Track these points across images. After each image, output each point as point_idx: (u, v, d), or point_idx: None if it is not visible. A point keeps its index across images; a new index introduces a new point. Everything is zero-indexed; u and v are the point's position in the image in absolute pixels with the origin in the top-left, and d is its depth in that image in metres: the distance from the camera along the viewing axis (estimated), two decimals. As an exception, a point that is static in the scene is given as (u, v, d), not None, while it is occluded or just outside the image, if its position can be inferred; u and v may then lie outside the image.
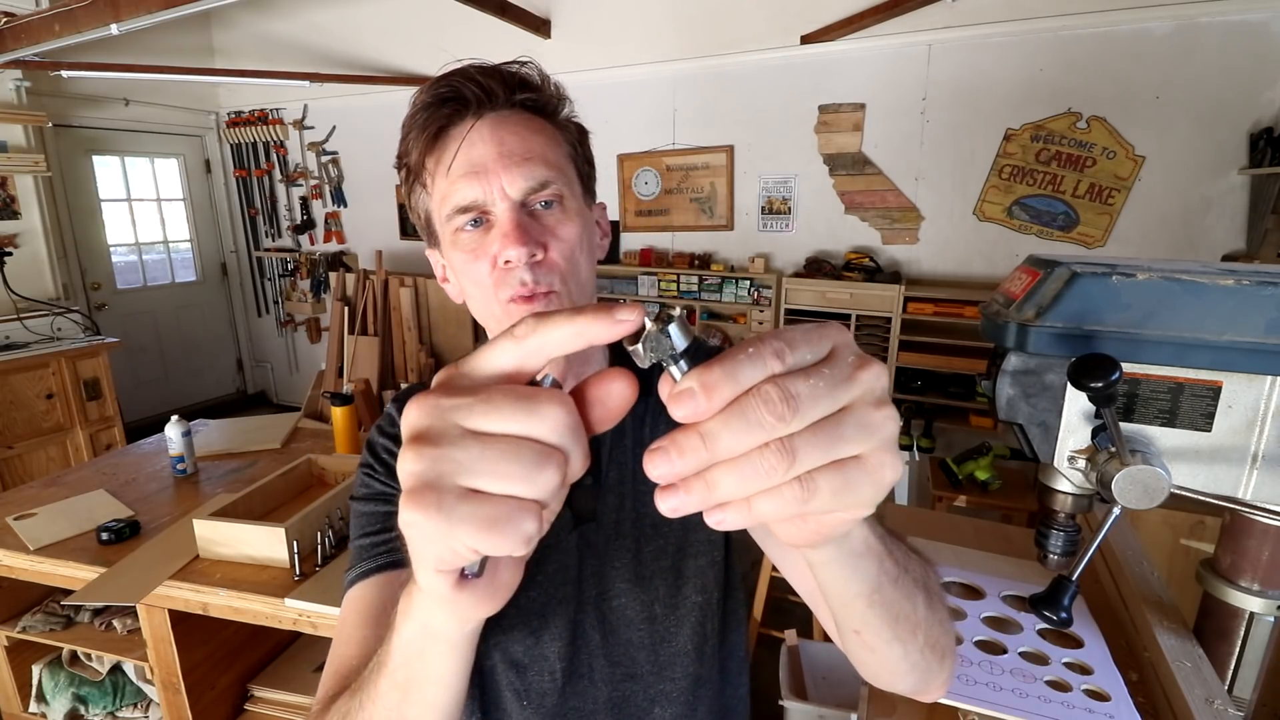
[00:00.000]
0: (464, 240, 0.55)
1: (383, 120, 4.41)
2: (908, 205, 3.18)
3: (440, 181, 0.54)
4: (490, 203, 0.53)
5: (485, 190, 0.53)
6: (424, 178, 0.56)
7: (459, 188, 0.53)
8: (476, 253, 0.54)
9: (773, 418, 0.23)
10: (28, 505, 1.62)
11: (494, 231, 0.54)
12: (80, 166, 4.24)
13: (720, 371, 0.24)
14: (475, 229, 0.54)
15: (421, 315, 4.11)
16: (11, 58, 2.99)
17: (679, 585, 0.64)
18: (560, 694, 0.62)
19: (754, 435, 0.24)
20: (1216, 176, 2.63)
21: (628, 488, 0.64)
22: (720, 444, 0.24)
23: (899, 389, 3.07)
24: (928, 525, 1.30)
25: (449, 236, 0.56)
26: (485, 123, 0.53)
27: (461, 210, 0.53)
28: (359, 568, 0.58)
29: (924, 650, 0.46)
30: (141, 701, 1.62)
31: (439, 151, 0.54)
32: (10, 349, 3.11)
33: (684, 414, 0.24)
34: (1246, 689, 0.80)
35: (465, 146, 0.53)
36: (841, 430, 0.25)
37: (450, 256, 0.57)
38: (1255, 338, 0.62)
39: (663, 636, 0.64)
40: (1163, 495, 0.63)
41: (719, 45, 3.35)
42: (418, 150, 0.55)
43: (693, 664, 0.64)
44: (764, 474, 0.24)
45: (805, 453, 0.24)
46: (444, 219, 0.55)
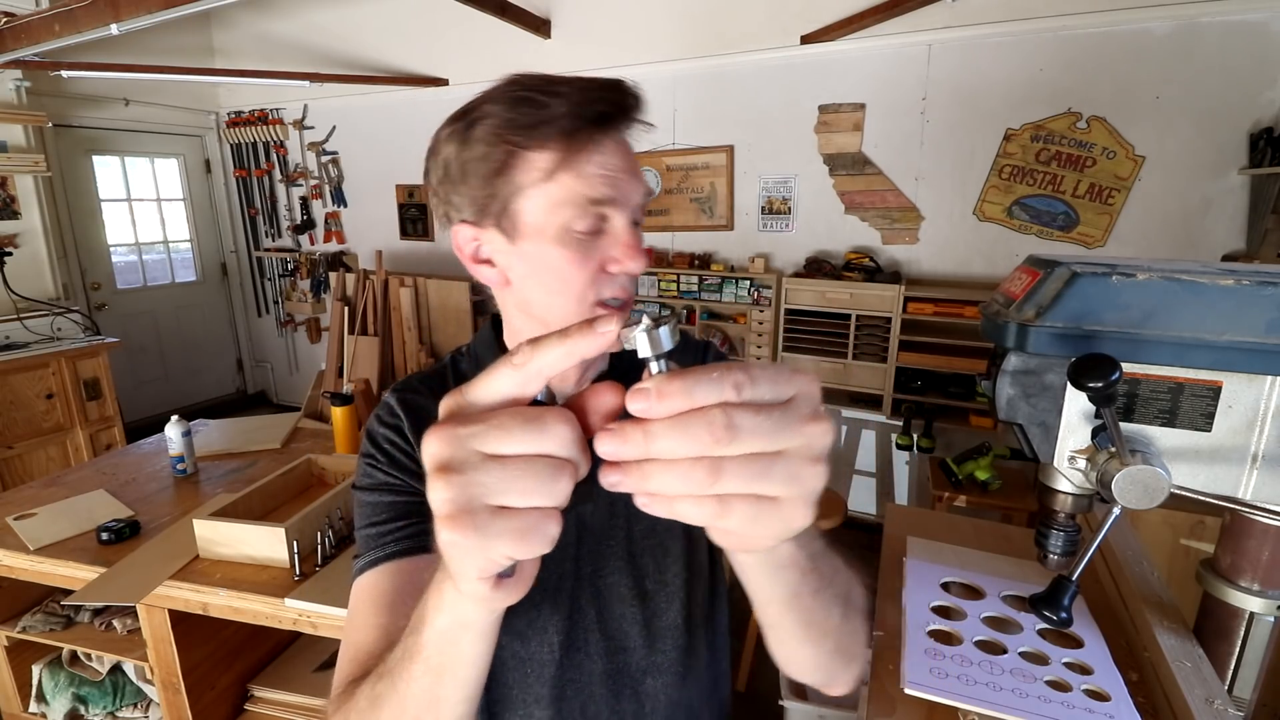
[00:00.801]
0: (579, 240, 0.55)
1: (383, 120, 4.41)
2: (908, 205, 3.18)
3: (572, 181, 0.54)
4: (615, 211, 0.56)
5: (617, 199, 0.56)
6: (545, 166, 0.54)
7: (597, 190, 0.54)
8: (587, 253, 0.56)
9: (710, 439, 0.26)
10: (28, 505, 1.62)
11: (608, 239, 0.56)
12: (80, 166, 4.24)
13: (679, 384, 0.27)
14: (590, 233, 0.56)
15: (421, 315, 4.11)
16: (11, 58, 2.99)
17: (667, 562, 0.68)
18: (558, 665, 0.65)
19: (689, 448, 0.27)
20: (1216, 176, 2.63)
21: None
22: (657, 444, 0.27)
23: (899, 389, 3.07)
24: (928, 525, 1.30)
25: (554, 230, 0.55)
26: (622, 139, 0.57)
27: (595, 211, 0.55)
28: (368, 555, 0.60)
29: (832, 654, 0.52)
30: (141, 701, 1.62)
31: (581, 153, 0.54)
32: (10, 349, 3.11)
33: (634, 409, 0.28)
34: (1246, 689, 0.80)
35: (610, 159, 0.55)
36: (770, 471, 0.28)
37: (543, 249, 0.56)
38: (1255, 338, 0.62)
39: (654, 611, 0.68)
40: (1163, 495, 0.63)
41: (719, 45, 3.35)
42: (551, 141, 0.53)
43: (682, 636, 0.68)
44: (688, 483, 0.27)
45: (729, 479, 0.27)
46: (559, 213, 0.54)
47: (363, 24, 4.22)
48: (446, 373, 0.71)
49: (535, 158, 0.54)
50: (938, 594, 1.03)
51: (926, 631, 0.94)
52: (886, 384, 3.08)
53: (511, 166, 0.55)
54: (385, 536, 0.61)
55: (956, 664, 0.86)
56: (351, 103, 4.45)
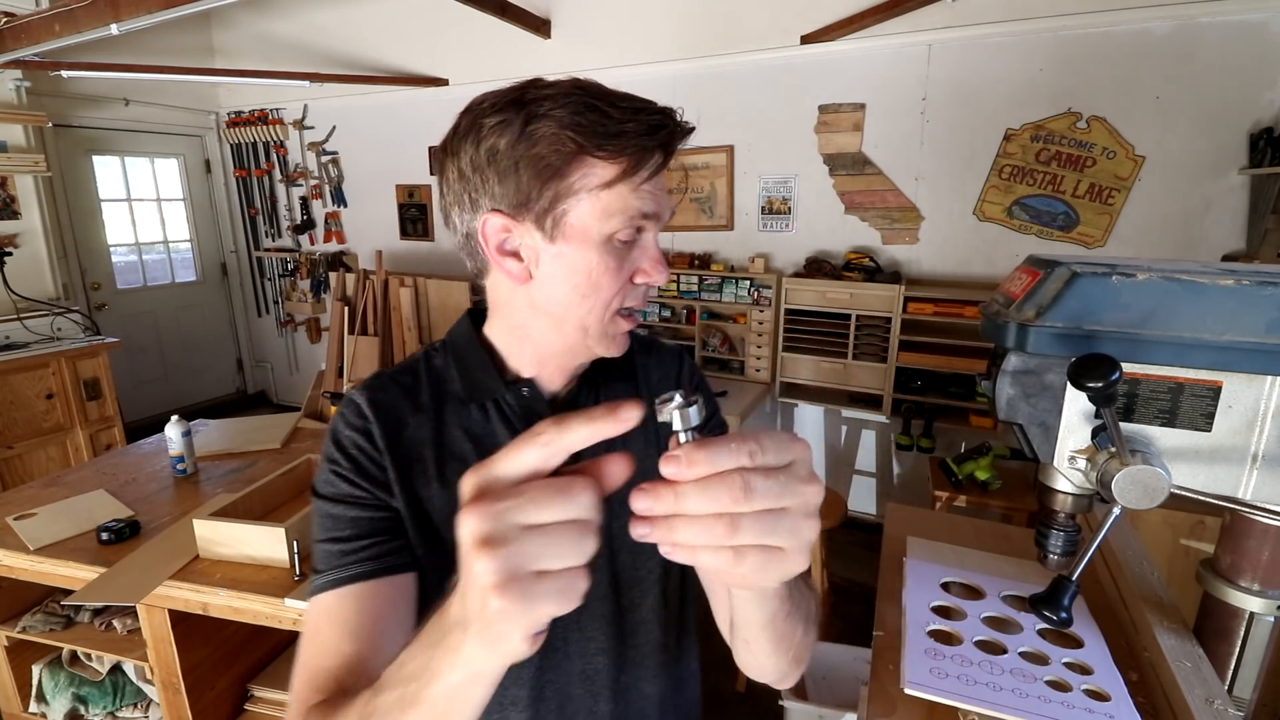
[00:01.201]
0: (619, 250, 0.58)
1: (383, 120, 4.41)
2: (908, 205, 3.18)
3: (629, 195, 0.56)
4: (651, 226, 0.59)
5: (657, 214, 0.59)
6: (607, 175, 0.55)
7: (653, 213, 0.58)
8: (623, 263, 0.59)
9: (730, 499, 0.32)
10: (28, 505, 1.62)
11: (638, 252, 0.59)
12: (80, 166, 4.24)
13: (705, 454, 0.32)
14: (625, 244, 0.58)
15: (421, 315, 4.11)
16: (11, 58, 2.99)
17: (643, 558, 0.69)
18: (537, 667, 0.65)
19: (713, 506, 0.32)
20: (1216, 176, 2.63)
21: None
22: (687, 503, 0.33)
23: (899, 389, 3.07)
24: (928, 525, 1.30)
25: (600, 237, 0.57)
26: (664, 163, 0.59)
27: (639, 224, 0.58)
28: (330, 574, 0.58)
29: (791, 663, 0.59)
30: (141, 701, 1.62)
31: (643, 169, 0.56)
32: (10, 349, 3.11)
33: (667, 473, 0.33)
34: (1246, 689, 0.80)
35: (658, 177, 0.58)
36: (777, 526, 0.33)
37: (586, 255, 0.57)
38: (1255, 338, 0.62)
39: (627, 607, 0.69)
40: (1163, 495, 0.63)
41: (719, 45, 3.34)
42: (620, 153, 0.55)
43: (656, 631, 0.70)
44: (711, 536, 0.33)
45: (744, 533, 0.33)
46: (608, 221, 0.56)
47: (363, 24, 4.22)
48: (419, 369, 0.68)
49: (599, 165, 0.55)
50: (938, 594, 1.03)
51: (926, 631, 0.94)
52: (886, 384, 3.08)
53: (572, 169, 0.55)
54: (349, 555, 0.59)
55: (956, 664, 0.86)
56: (351, 103, 4.45)
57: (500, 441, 0.63)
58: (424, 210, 4.48)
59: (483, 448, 0.64)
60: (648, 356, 0.77)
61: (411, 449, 0.63)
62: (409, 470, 0.62)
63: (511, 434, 0.64)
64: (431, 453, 0.63)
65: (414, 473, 0.63)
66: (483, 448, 0.64)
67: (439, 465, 0.63)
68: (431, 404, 0.65)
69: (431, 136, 4.29)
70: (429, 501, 0.63)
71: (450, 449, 0.64)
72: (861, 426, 3.38)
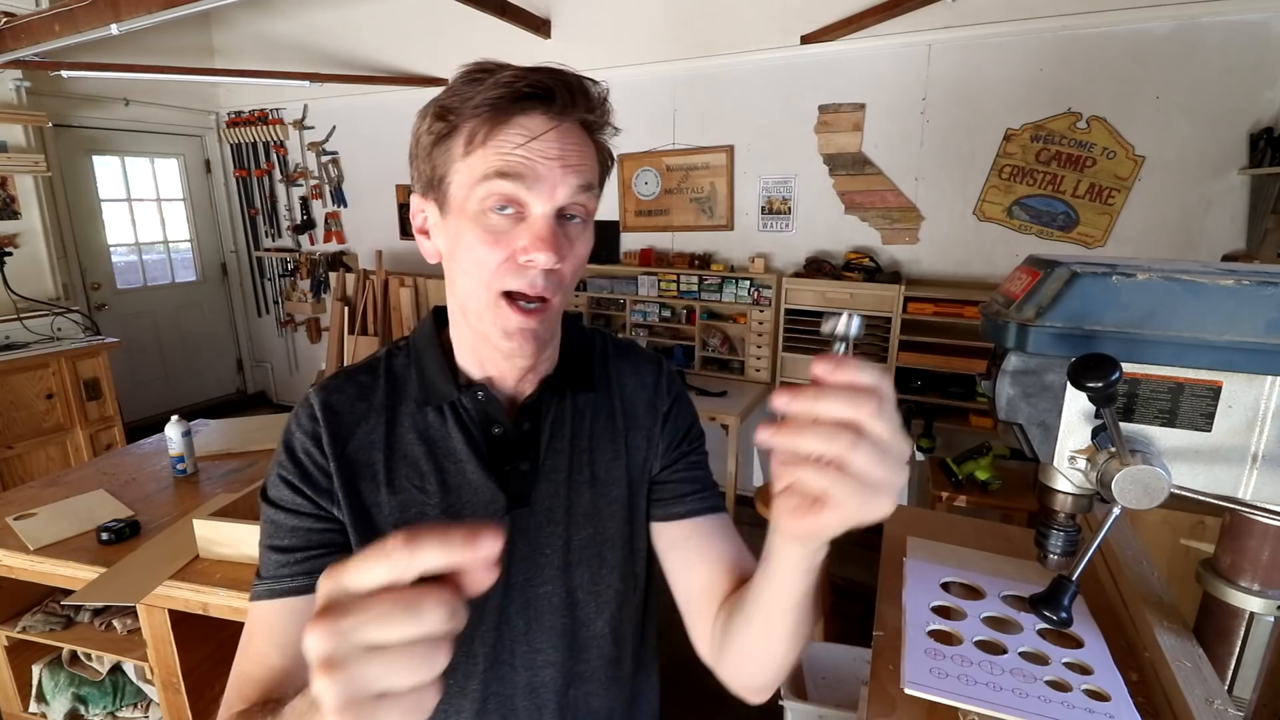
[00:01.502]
0: (493, 221, 0.55)
1: (383, 120, 4.41)
2: (908, 205, 3.18)
3: (488, 154, 0.53)
4: (534, 199, 0.54)
5: (535, 187, 0.54)
6: (467, 139, 0.54)
7: (512, 172, 0.53)
8: (499, 239, 0.55)
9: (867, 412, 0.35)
10: (28, 505, 1.62)
11: (524, 227, 0.55)
12: (80, 166, 4.24)
13: (856, 365, 0.36)
14: (503, 215, 0.55)
15: (421, 315, 4.11)
16: (11, 58, 2.99)
17: (603, 573, 0.67)
18: (482, 678, 0.63)
19: (848, 412, 0.35)
20: (1216, 176, 2.63)
21: (562, 477, 0.65)
22: (826, 405, 0.36)
23: (899, 389, 3.06)
24: (928, 525, 1.30)
25: (474, 208, 0.55)
26: (558, 126, 0.54)
27: (505, 193, 0.54)
28: (267, 583, 0.59)
29: (782, 667, 0.58)
30: (141, 701, 1.62)
31: (501, 130, 0.53)
32: (10, 349, 3.11)
33: (819, 370, 0.36)
34: (1246, 689, 0.80)
35: (532, 140, 0.53)
36: (884, 458, 0.36)
37: (461, 227, 0.56)
38: (1255, 338, 0.62)
39: (581, 621, 0.66)
40: (1163, 495, 0.63)
41: (719, 45, 3.34)
42: (482, 118, 0.53)
43: (609, 646, 0.68)
44: (833, 445, 0.35)
45: (863, 450, 0.35)
46: (476, 190, 0.54)
47: (363, 24, 4.22)
48: (379, 368, 0.66)
49: (464, 130, 0.54)
50: (938, 594, 1.03)
51: (926, 631, 0.94)
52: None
53: (448, 139, 0.55)
54: (285, 567, 0.59)
55: (956, 664, 0.86)
56: (351, 103, 4.45)
57: (454, 445, 0.62)
58: (424, 210, 4.48)
59: (435, 450, 0.63)
60: (623, 361, 0.73)
61: (361, 454, 0.62)
62: (356, 477, 0.61)
63: (466, 438, 0.63)
64: (382, 457, 0.62)
65: (362, 479, 0.61)
66: (435, 450, 0.63)
67: (389, 471, 0.62)
68: (386, 406, 0.64)
69: (431, 136, 4.29)
70: (377, 508, 0.61)
71: (402, 452, 0.62)
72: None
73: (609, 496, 0.67)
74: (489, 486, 0.62)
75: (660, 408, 0.71)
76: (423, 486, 0.62)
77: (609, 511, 0.67)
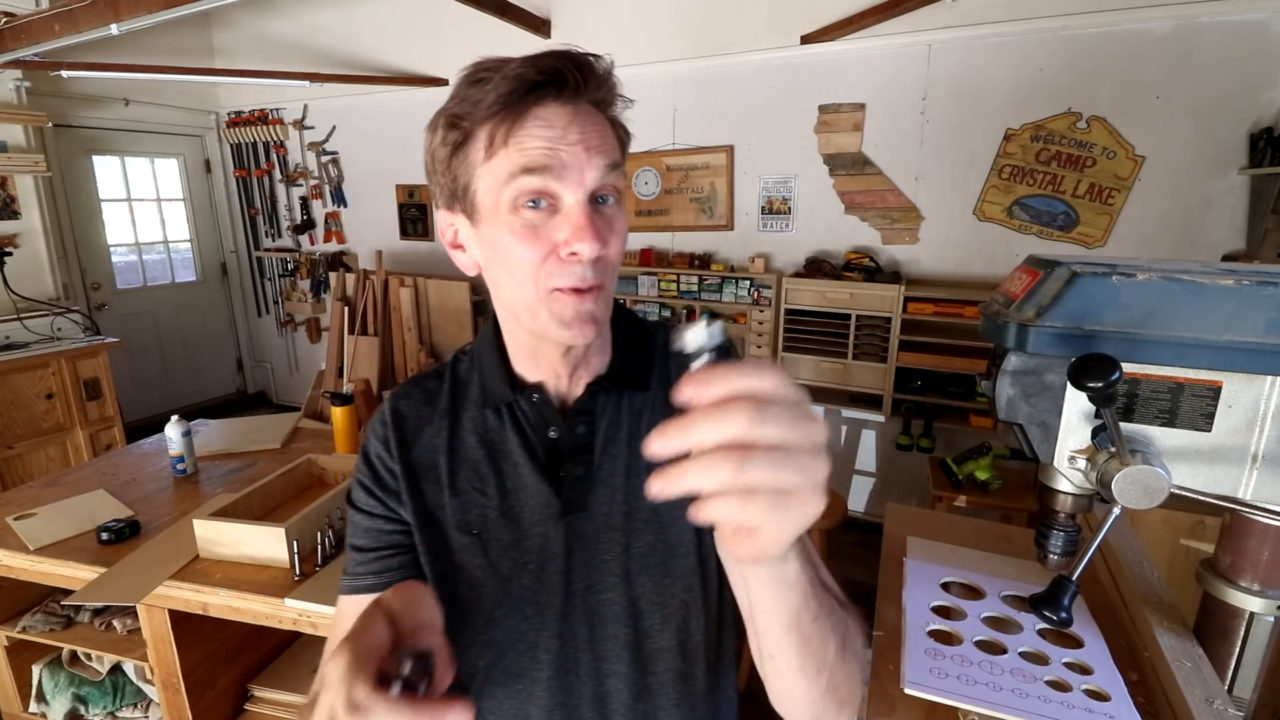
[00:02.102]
0: (527, 217, 0.53)
1: (383, 120, 4.41)
2: (908, 205, 3.17)
3: (510, 153, 0.52)
4: (564, 188, 0.52)
5: (563, 174, 0.52)
6: (486, 143, 0.53)
7: (537, 164, 0.51)
8: (537, 234, 0.53)
9: (744, 423, 0.30)
10: (28, 505, 1.62)
11: (560, 219, 0.53)
12: (80, 166, 4.23)
13: (721, 374, 0.31)
14: (537, 210, 0.53)
15: (421, 315, 4.11)
16: (11, 58, 2.99)
17: (667, 583, 0.63)
18: (547, 685, 0.63)
19: (725, 431, 0.30)
20: (1216, 176, 2.63)
21: (620, 481, 0.64)
22: (696, 431, 0.31)
23: (899, 389, 3.07)
24: (928, 525, 1.30)
25: (505, 209, 0.53)
26: (573, 110, 0.53)
27: (534, 187, 0.52)
28: (347, 579, 0.64)
29: (825, 693, 0.51)
30: (141, 701, 1.62)
31: (518, 123, 0.52)
32: (10, 349, 3.11)
33: (681, 397, 0.32)
34: (1246, 689, 0.80)
35: (552, 129, 0.52)
36: (786, 462, 0.31)
37: (496, 230, 0.54)
38: (1255, 338, 0.62)
39: (646, 632, 0.63)
40: (1163, 495, 0.63)
41: (719, 45, 3.34)
42: (496, 118, 0.52)
43: (677, 660, 0.64)
44: (718, 475, 0.30)
45: (755, 466, 0.31)
46: (504, 191, 0.53)
47: (363, 24, 4.21)
48: (445, 373, 0.68)
49: (480, 134, 0.53)
50: (938, 594, 1.03)
51: (926, 631, 0.94)
52: (886, 384, 3.08)
53: (465, 147, 0.54)
54: (360, 565, 0.63)
55: (956, 664, 0.86)
56: (351, 103, 4.45)
57: (510, 448, 0.63)
58: (424, 210, 4.48)
59: (495, 453, 0.64)
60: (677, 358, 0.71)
61: (425, 457, 0.64)
62: (421, 479, 0.63)
63: (522, 441, 0.63)
64: (445, 459, 0.64)
65: (426, 481, 0.63)
66: (495, 453, 0.64)
67: (451, 473, 0.63)
68: (450, 410, 0.66)
69: (431, 136, 4.29)
70: (441, 510, 0.63)
71: (464, 455, 0.64)
72: (861, 426, 3.38)
73: (671, 502, 0.62)
74: (544, 490, 0.62)
75: None
76: (483, 489, 0.63)
77: (671, 518, 0.63)
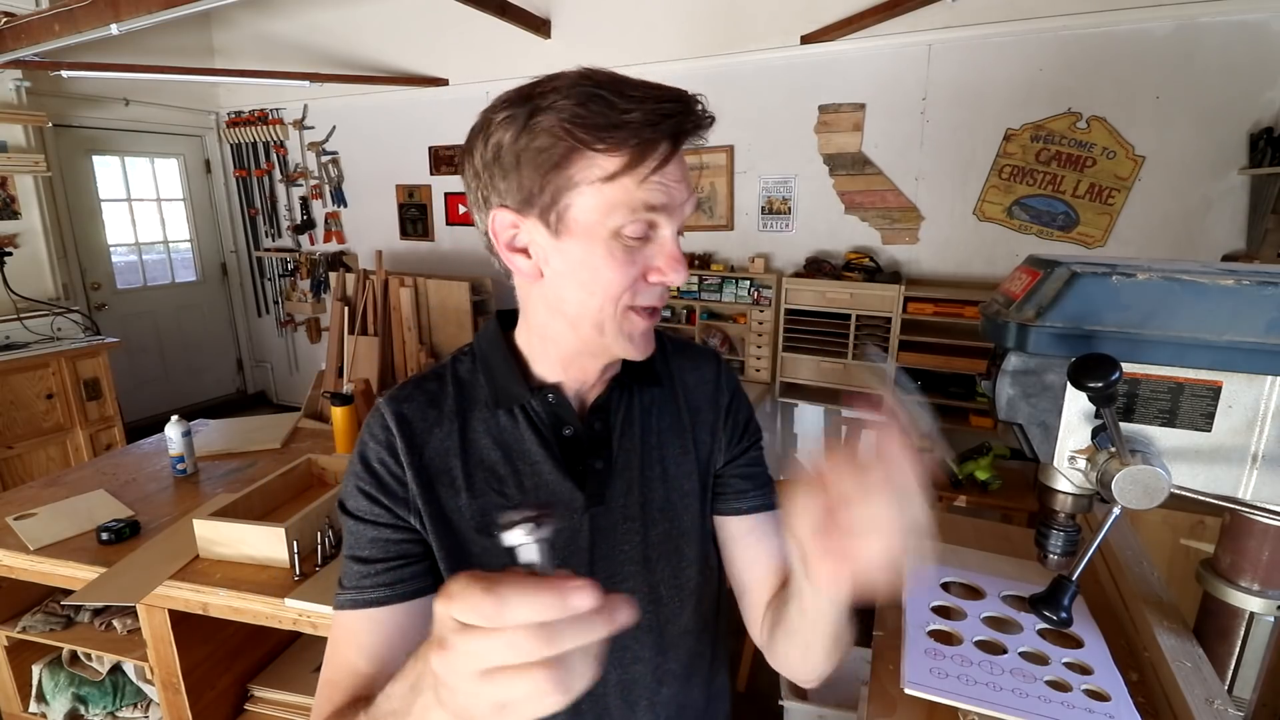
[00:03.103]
0: (630, 244, 0.55)
1: (383, 120, 4.41)
2: (908, 205, 3.18)
3: (637, 187, 0.53)
4: (666, 223, 0.56)
5: (670, 209, 0.55)
6: (607, 168, 0.53)
7: (659, 205, 0.54)
8: (633, 258, 0.56)
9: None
10: (28, 505, 1.62)
11: (654, 248, 0.56)
12: (80, 166, 4.23)
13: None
14: (638, 239, 0.56)
15: (421, 315, 4.11)
16: (11, 58, 2.99)
17: (682, 567, 0.67)
18: None
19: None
20: (1216, 176, 2.63)
21: (635, 473, 0.66)
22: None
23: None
24: (928, 525, 1.30)
25: (606, 232, 0.54)
26: (682, 153, 0.56)
27: (648, 220, 0.55)
28: (350, 594, 0.60)
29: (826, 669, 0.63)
30: (141, 701, 1.62)
31: (643, 156, 0.53)
32: (10, 349, 3.11)
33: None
34: (1246, 689, 0.80)
35: (668, 165, 0.55)
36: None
37: (591, 249, 0.55)
38: (1255, 338, 0.62)
39: (668, 618, 0.67)
40: (1163, 495, 0.63)
41: (719, 45, 3.34)
42: (617, 141, 0.52)
43: (694, 642, 0.69)
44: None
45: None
46: (613, 215, 0.54)
47: (363, 24, 4.21)
48: (445, 374, 0.67)
49: (600, 158, 0.52)
50: (938, 594, 1.03)
51: (926, 631, 0.94)
52: (887, 384, 3.07)
53: (572, 162, 0.53)
54: (368, 578, 0.59)
55: (956, 664, 0.86)
56: (351, 103, 4.45)
57: (528, 447, 0.64)
58: (424, 210, 4.48)
59: (511, 454, 0.63)
60: (682, 357, 0.74)
61: (437, 461, 0.62)
62: (434, 484, 0.62)
63: (539, 440, 0.63)
64: (459, 462, 0.62)
65: (440, 485, 0.62)
66: (511, 454, 0.63)
67: (467, 476, 0.62)
68: (457, 412, 0.64)
69: (431, 137, 4.29)
70: (458, 514, 0.62)
71: (479, 457, 0.63)
72: (861, 426, 3.38)
73: (681, 490, 0.68)
74: (566, 486, 0.63)
75: (722, 402, 0.72)
76: (502, 490, 0.63)
77: (683, 505, 0.68)
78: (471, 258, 4.33)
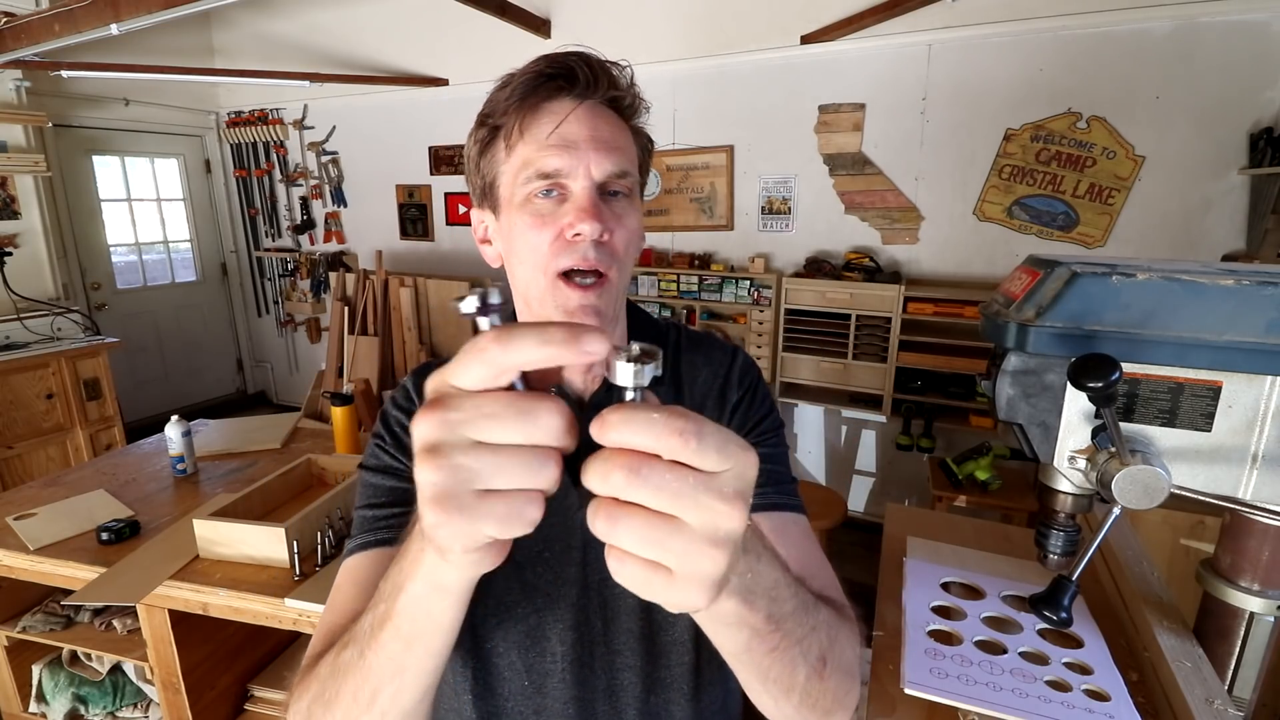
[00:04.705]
0: (537, 205, 0.56)
1: (383, 120, 4.41)
2: (908, 205, 3.17)
3: (527, 147, 0.56)
4: (572, 177, 0.56)
5: (571, 165, 0.55)
6: (509, 139, 0.57)
7: (548, 156, 0.55)
8: (545, 220, 0.56)
9: (620, 481, 0.27)
10: (28, 505, 1.62)
11: (568, 205, 0.56)
12: (80, 166, 4.23)
13: (619, 417, 0.27)
14: (548, 198, 0.56)
15: (421, 315, 4.11)
16: (11, 58, 2.99)
17: None
18: (560, 679, 0.63)
19: (598, 484, 0.28)
20: (1216, 176, 2.63)
21: None
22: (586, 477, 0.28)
23: (899, 389, 3.07)
24: (928, 525, 1.30)
25: (519, 199, 0.57)
26: (585, 106, 0.57)
27: (544, 175, 0.55)
28: (360, 537, 0.62)
29: (798, 708, 0.48)
30: (141, 701, 1.62)
31: (533, 119, 0.56)
32: (10, 349, 3.11)
33: (593, 432, 0.29)
34: (1246, 689, 0.80)
35: (563, 121, 0.56)
36: (661, 537, 0.28)
37: (512, 219, 0.58)
38: (1255, 338, 0.62)
39: (659, 625, 0.65)
40: (1163, 495, 0.63)
41: (719, 45, 3.34)
42: (513, 112, 0.56)
43: (689, 653, 0.65)
44: (594, 526, 0.29)
45: (623, 530, 0.28)
46: (519, 181, 0.57)
47: (363, 24, 4.22)
48: None
49: (503, 132, 0.58)
50: (938, 594, 1.03)
51: (926, 631, 0.94)
52: (886, 384, 3.08)
53: (491, 144, 0.59)
54: (379, 521, 0.62)
55: (956, 664, 0.86)
56: (351, 103, 4.45)
57: None
58: (424, 210, 4.48)
59: None
60: (695, 354, 0.72)
61: None
62: None
63: None
64: None
65: None
66: None
67: None
68: None
69: (431, 137, 4.29)
70: None
71: None
72: (861, 426, 3.38)
73: None
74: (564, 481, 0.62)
75: (730, 399, 0.70)
76: None
77: None
78: (471, 258, 4.33)
